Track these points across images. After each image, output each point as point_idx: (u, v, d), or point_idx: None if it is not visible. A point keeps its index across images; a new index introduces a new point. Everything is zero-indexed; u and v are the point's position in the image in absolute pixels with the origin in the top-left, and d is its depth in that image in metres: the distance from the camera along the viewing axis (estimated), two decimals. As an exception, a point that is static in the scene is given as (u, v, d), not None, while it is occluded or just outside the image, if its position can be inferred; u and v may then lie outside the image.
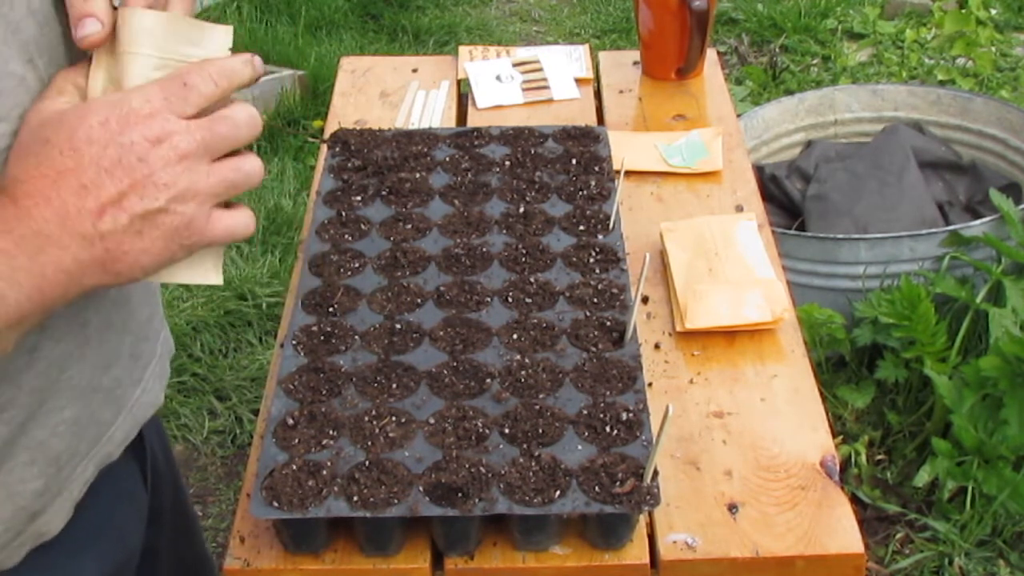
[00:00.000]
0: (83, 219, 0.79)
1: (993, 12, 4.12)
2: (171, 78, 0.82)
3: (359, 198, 1.41)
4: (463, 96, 1.79)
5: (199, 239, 0.84)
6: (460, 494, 1.02)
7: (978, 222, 2.56)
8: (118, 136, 0.79)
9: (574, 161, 1.47)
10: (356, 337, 1.20)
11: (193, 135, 0.81)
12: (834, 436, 1.28)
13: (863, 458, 2.43)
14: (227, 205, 0.86)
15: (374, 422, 1.09)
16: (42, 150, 0.80)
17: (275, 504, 1.01)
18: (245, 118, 0.85)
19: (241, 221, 0.86)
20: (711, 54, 1.83)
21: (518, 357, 1.17)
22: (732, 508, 1.09)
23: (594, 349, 1.18)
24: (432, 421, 1.09)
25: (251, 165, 0.85)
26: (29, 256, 0.79)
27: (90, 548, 1.05)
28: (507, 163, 1.48)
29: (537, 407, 1.11)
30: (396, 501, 1.01)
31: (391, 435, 1.08)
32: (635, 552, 1.05)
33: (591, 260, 1.31)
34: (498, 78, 1.80)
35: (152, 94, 0.81)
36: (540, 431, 1.08)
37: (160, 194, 0.81)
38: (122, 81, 0.84)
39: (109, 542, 1.08)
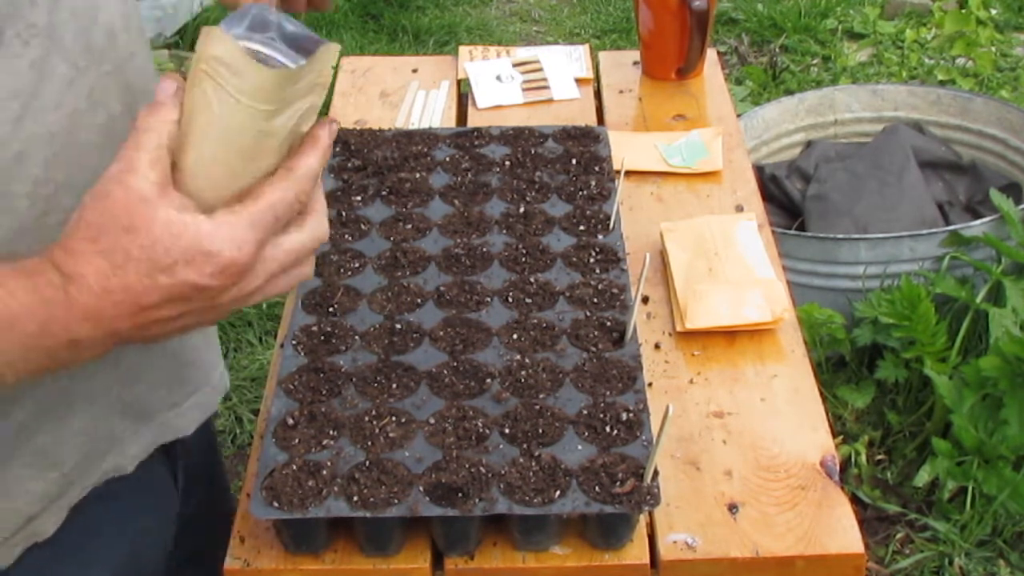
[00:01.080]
0: (124, 333, 0.80)
1: (993, 12, 4.12)
2: (263, 213, 0.80)
3: (359, 198, 1.41)
4: (463, 96, 1.79)
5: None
6: (460, 494, 1.02)
7: (978, 222, 2.56)
8: (197, 278, 0.79)
9: (574, 161, 1.47)
10: (356, 337, 1.20)
11: (266, 270, 0.82)
12: (834, 436, 1.28)
13: (863, 458, 2.43)
14: None
15: (374, 422, 1.09)
16: (116, 244, 0.78)
17: (275, 504, 1.01)
18: (313, 247, 0.85)
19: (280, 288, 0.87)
20: (711, 54, 1.83)
21: (518, 357, 1.17)
22: (732, 508, 1.09)
23: (594, 349, 1.18)
24: (432, 421, 1.09)
25: (300, 279, 0.86)
26: (53, 353, 0.80)
27: (93, 555, 1.05)
28: (507, 163, 1.48)
29: (537, 407, 1.10)
30: (396, 501, 1.01)
31: (391, 435, 1.08)
32: (635, 552, 1.05)
33: (591, 260, 1.31)
34: (498, 78, 1.80)
35: (246, 240, 0.80)
36: (540, 431, 1.08)
37: (211, 318, 0.83)
38: (224, 133, 0.80)
39: (115, 550, 1.08)
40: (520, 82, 1.79)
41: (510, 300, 1.25)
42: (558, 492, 1.02)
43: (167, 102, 0.80)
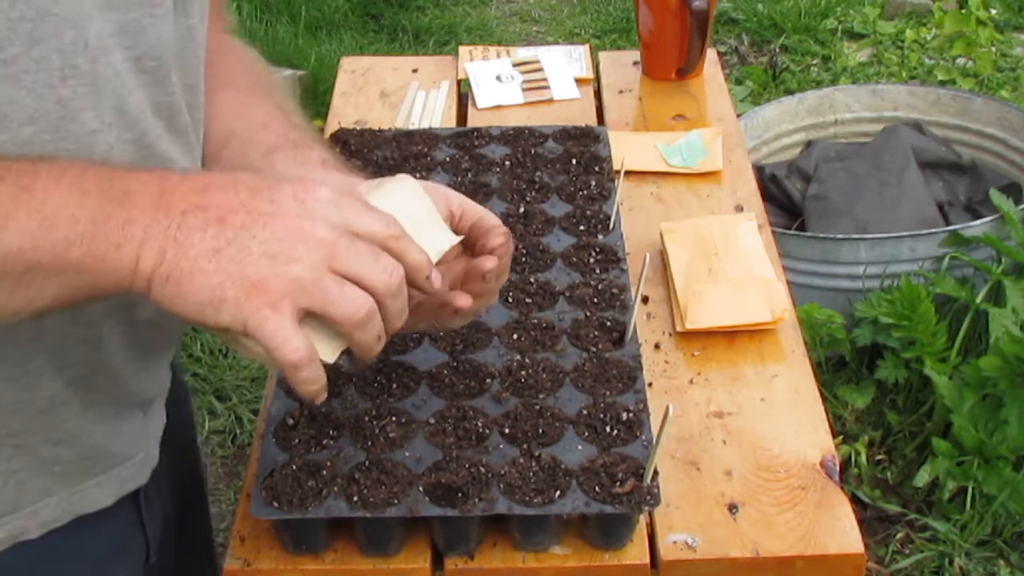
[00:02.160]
0: (174, 208, 0.77)
1: (993, 12, 4.12)
2: (354, 197, 0.84)
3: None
4: (463, 96, 1.79)
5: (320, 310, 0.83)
6: (460, 494, 1.02)
7: (978, 222, 2.56)
8: (269, 183, 0.80)
9: (574, 161, 1.47)
10: (356, 337, 1.20)
11: (339, 211, 0.82)
12: (834, 436, 1.28)
13: (863, 458, 2.43)
14: None
15: (374, 422, 1.09)
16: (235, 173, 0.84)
17: (275, 504, 1.01)
18: (382, 235, 0.84)
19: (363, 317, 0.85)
20: (711, 54, 1.83)
21: (518, 357, 1.17)
22: (732, 508, 1.09)
23: (594, 349, 1.18)
24: (432, 421, 1.09)
25: (382, 273, 0.84)
26: (107, 199, 0.77)
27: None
28: (507, 163, 1.48)
29: (537, 407, 1.10)
30: (396, 501, 1.01)
31: (391, 435, 1.08)
32: (635, 552, 1.05)
33: (591, 260, 1.31)
34: (498, 78, 1.80)
35: (328, 188, 0.82)
36: (540, 431, 1.08)
37: (267, 244, 0.79)
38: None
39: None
40: (520, 82, 1.79)
41: (510, 300, 1.25)
42: (558, 492, 1.02)
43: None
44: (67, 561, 1.01)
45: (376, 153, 1.49)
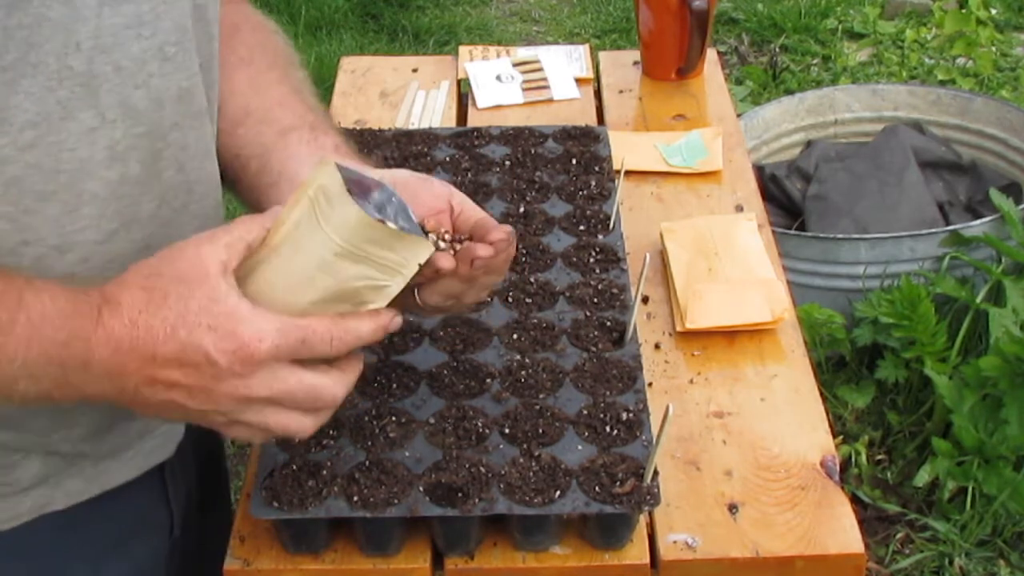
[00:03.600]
0: (130, 378, 0.82)
1: (993, 12, 4.11)
2: (294, 328, 0.84)
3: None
4: (463, 96, 1.79)
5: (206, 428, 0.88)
6: (460, 494, 1.01)
7: (978, 222, 2.56)
8: (211, 348, 0.81)
9: (574, 161, 1.47)
10: (356, 337, 1.20)
11: (273, 386, 0.84)
12: (834, 436, 1.28)
13: (863, 458, 2.43)
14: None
15: (374, 422, 1.09)
16: (161, 285, 0.82)
17: (275, 504, 1.01)
18: (328, 397, 0.87)
19: (256, 438, 0.91)
20: (711, 54, 1.83)
21: (518, 357, 1.17)
22: (732, 508, 1.09)
23: (594, 349, 1.18)
24: (432, 421, 1.09)
25: (296, 428, 0.88)
26: (67, 367, 0.81)
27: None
28: (507, 163, 1.47)
29: (537, 407, 1.10)
30: (396, 501, 1.01)
31: (391, 435, 1.08)
32: (635, 552, 1.05)
33: (591, 260, 1.31)
34: (498, 78, 1.80)
35: (267, 337, 0.83)
36: (540, 431, 1.08)
37: (205, 404, 0.84)
38: (296, 249, 0.85)
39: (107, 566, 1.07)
40: (520, 82, 1.79)
41: (510, 300, 1.25)
42: (558, 492, 1.02)
43: (271, 214, 0.86)
44: (92, 533, 1.03)
45: (376, 153, 1.49)
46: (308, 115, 1.10)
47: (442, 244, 0.98)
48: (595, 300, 1.25)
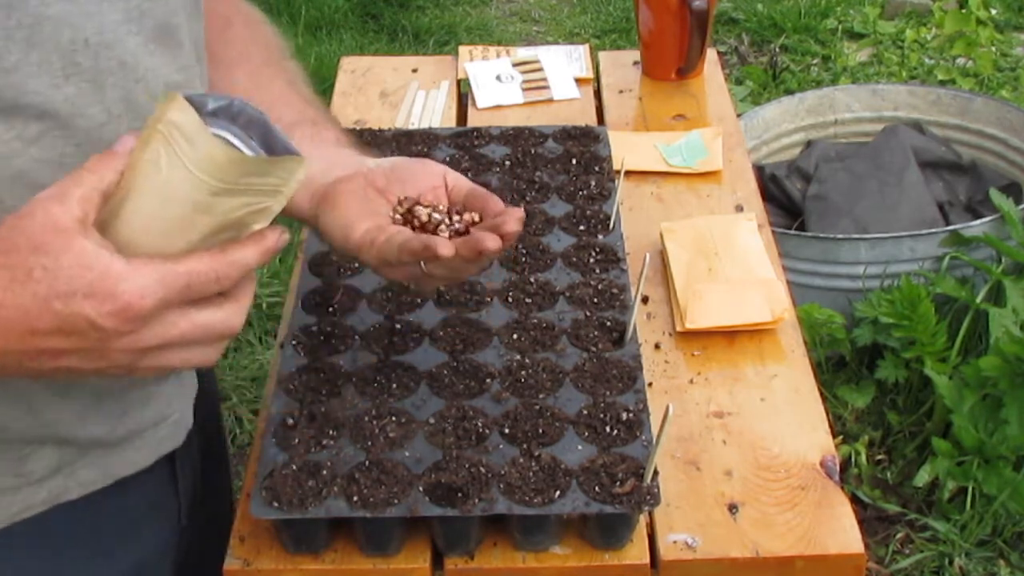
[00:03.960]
0: (11, 356, 0.79)
1: (993, 12, 4.11)
2: (177, 276, 0.79)
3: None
4: (463, 96, 1.79)
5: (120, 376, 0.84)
6: (460, 494, 1.02)
7: (978, 222, 2.56)
8: (93, 314, 0.77)
9: (574, 161, 1.47)
10: (356, 337, 1.20)
11: (165, 333, 0.81)
12: (834, 436, 1.28)
13: (863, 458, 2.43)
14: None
15: (374, 422, 1.09)
16: (20, 261, 0.77)
17: (275, 504, 1.01)
18: (223, 329, 0.84)
19: (164, 371, 0.85)
20: (711, 54, 1.83)
21: (518, 357, 1.17)
22: (732, 508, 1.09)
23: (594, 349, 1.18)
24: (432, 421, 1.09)
25: (198, 360, 0.85)
26: None
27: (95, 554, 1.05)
28: (507, 163, 1.48)
29: (537, 407, 1.10)
30: (396, 501, 1.01)
31: (391, 435, 1.08)
32: (635, 552, 1.05)
33: (591, 260, 1.31)
34: (498, 78, 1.80)
35: (150, 291, 0.78)
36: (540, 431, 1.08)
37: (99, 363, 0.81)
38: (165, 194, 0.80)
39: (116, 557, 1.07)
40: (520, 82, 1.79)
41: (510, 300, 1.25)
42: (558, 492, 1.02)
43: (120, 154, 0.80)
44: (105, 521, 1.03)
45: (376, 153, 1.49)
46: (308, 110, 1.12)
47: (443, 228, 1.02)
48: (595, 300, 1.25)
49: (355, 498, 1.01)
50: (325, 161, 1.10)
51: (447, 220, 1.04)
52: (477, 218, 1.04)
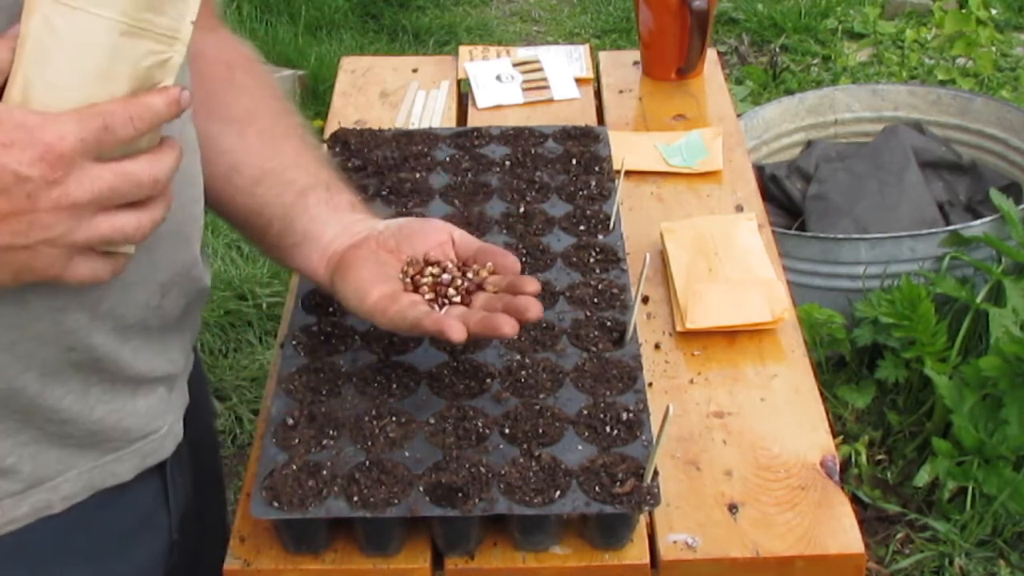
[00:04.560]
0: None
1: (993, 12, 4.12)
2: (92, 116, 0.77)
3: (359, 198, 1.41)
4: (463, 96, 1.79)
5: (48, 280, 0.81)
6: (460, 494, 1.02)
7: (978, 222, 2.56)
8: (15, 165, 0.75)
9: (574, 161, 1.47)
10: (356, 337, 1.20)
11: (92, 186, 0.78)
12: (834, 436, 1.28)
13: (863, 458, 2.43)
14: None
15: (374, 422, 1.09)
16: None
17: (275, 504, 1.01)
18: (148, 180, 0.82)
19: (101, 268, 0.84)
20: (711, 54, 1.83)
21: (518, 357, 1.17)
22: (732, 508, 1.09)
23: (594, 349, 1.18)
24: (432, 421, 1.09)
25: (133, 226, 0.83)
26: None
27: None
28: (507, 163, 1.48)
29: (537, 407, 1.10)
30: (396, 501, 1.01)
31: (391, 435, 1.08)
32: (635, 552, 1.05)
33: (591, 260, 1.31)
34: (498, 78, 1.80)
35: (68, 131, 0.76)
36: (540, 431, 1.08)
37: (32, 234, 0.77)
38: (74, 47, 0.77)
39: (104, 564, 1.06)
40: (520, 82, 1.79)
41: (510, 300, 1.25)
42: (558, 492, 1.02)
43: (9, 35, 0.77)
44: (92, 535, 1.02)
45: (376, 153, 1.49)
46: (321, 173, 1.16)
47: (452, 291, 1.09)
48: (595, 300, 1.25)
49: (355, 498, 1.01)
50: (340, 227, 1.14)
51: (458, 280, 1.09)
52: (489, 269, 1.10)
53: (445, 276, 1.09)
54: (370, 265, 1.10)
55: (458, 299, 1.09)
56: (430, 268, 1.10)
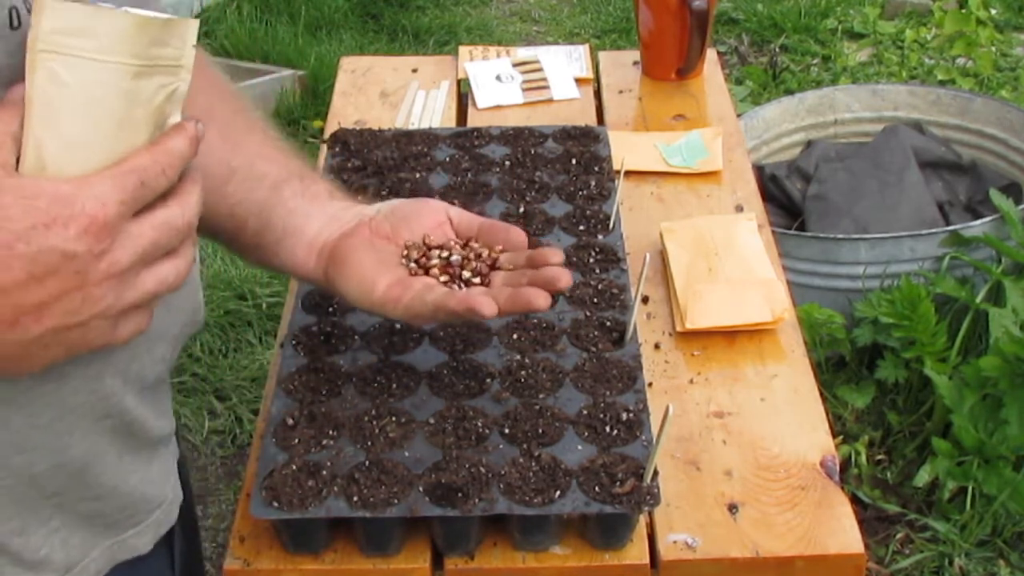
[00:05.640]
0: None
1: (993, 12, 4.12)
2: (126, 174, 0.73)
3: (359, 198, 1.41)
4: (463, 96, 1.79)
5: (98, 347, 0.77)
6: (460, 494, 1.02)
7: (978, 222, 2.56)
8: (61, 243, 0.70)
9: (574, 161, 1.47)
10: (356, 337, 1.20)
11: (136, 246, 0.74)
12: (834, 436, 1.28)
13: (863, 458, 2.43)
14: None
15: (374, 422, 1.09)
16: None
17: (275, 504, 1.01)
18: (184, 225, 0.78)
19: (143, 321, 0.79)
20: (711, 54, 1.83)
21: (518, 357, 1.17)
22: (732, 508, 1.09)
23: (594, 349, 1.18)
24: (432, 421, 1.09)
25: (174, 274, 0.79)
26: None
27: None
28: (507, 163, 1.48)
29: (537, 407, 1.10)
30: (396, 501, 1.01)
31: (391, 435, 1.08)
32: (635, 552, 1.05)
33: (591, 260, 1.31)
34: (498, 78, 1.80)
35: (107, 197, 0.72)
36: (540, 431, 1.08)
37: (85, 310, 0.73)
38: (86, 102, 0.72)
39: None
40: (520, 82, 1.79)
41: (510, 300, 1.25)
42: (558, 492, 1.02)
43: (15, 99, 0.72)
44: None
45: (376, 153, 1.49)
46: (291, 163, 1.09)
47: (467, 273, 1.04)
48: (595, 300, 1.25)
49: (355, 498, 1.01)
50: (326, 217, 1.07)
51: (473, 262, 1.04)
52: (499, 251, 1.05)
53: (455, 257, 1.04)
54: (368, 254, 1.04)
55: (477, 280, 1.04)
56: (436, 251, 1.05)
